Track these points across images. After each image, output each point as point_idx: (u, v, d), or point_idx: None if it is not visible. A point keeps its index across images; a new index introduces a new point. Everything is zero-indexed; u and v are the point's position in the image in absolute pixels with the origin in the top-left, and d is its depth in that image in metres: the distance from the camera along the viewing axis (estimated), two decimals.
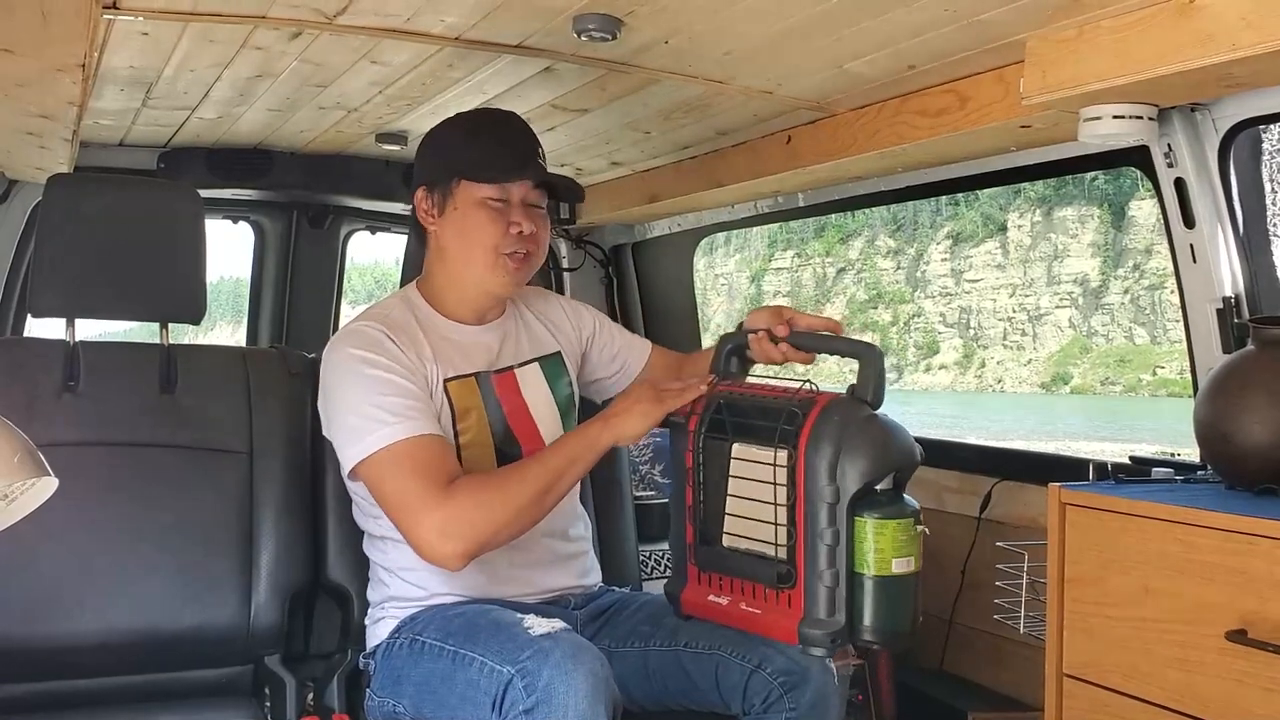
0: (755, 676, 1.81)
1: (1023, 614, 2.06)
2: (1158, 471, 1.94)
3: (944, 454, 2.83)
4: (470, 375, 1.96)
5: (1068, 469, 2.26)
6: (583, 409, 2.15)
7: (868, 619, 1.68)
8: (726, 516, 1.78)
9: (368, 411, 1.83)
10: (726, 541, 1.78)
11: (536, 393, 2.04)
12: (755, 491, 1.74)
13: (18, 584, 1.97)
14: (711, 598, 1.79)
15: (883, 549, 1.80)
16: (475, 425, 1.94)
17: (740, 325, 1.96)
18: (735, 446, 1.77)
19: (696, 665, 1.86)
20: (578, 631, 1.77)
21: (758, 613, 1.74)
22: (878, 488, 1.70)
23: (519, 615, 1.75)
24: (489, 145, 1.95)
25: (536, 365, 2.07)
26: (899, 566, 1.83)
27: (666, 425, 1.86)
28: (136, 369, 2.17)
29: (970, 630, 2.59)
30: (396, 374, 1.85)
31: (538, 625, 1.69)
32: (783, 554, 1.71)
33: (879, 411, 1.75)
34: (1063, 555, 1.78)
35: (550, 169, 2.01)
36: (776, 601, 1.72)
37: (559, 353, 2.13)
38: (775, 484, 1.71)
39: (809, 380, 1.80)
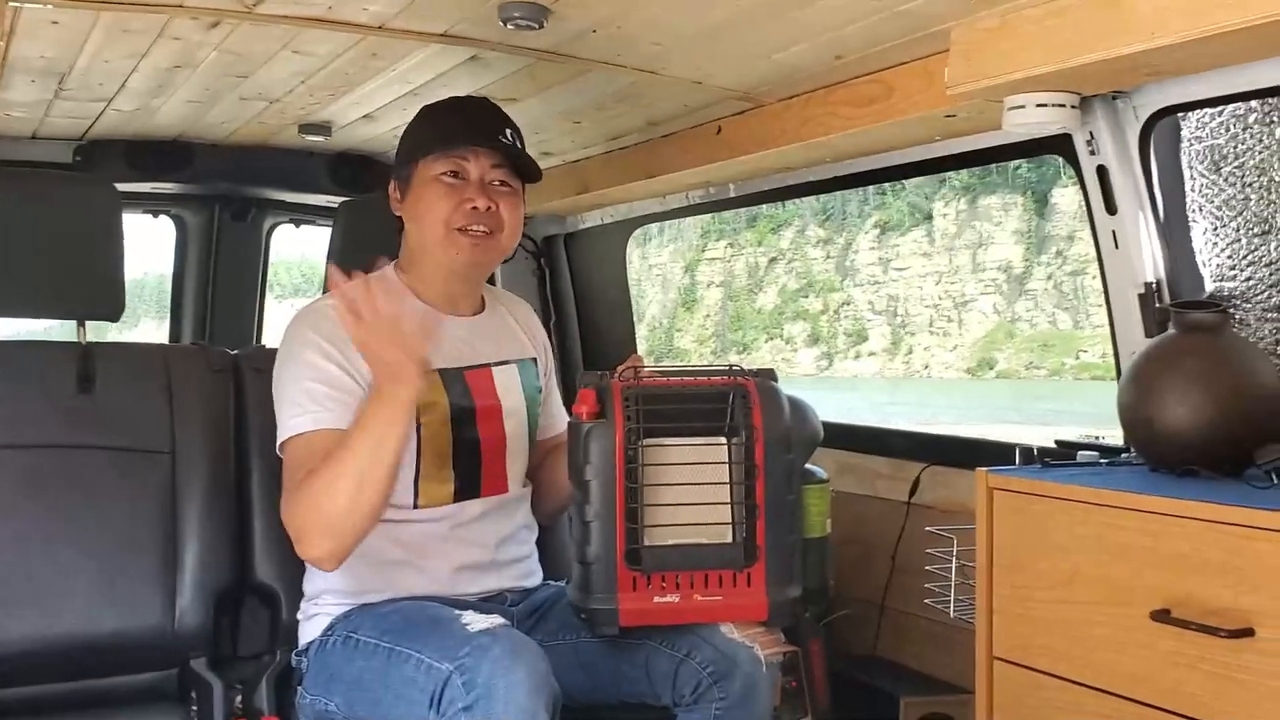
0: (684, 666, 1.80)
1: (952, 598, 2.09)
2: (1083, 455, 1.97)
3: (874, 440, 2.86)
4: (435, 371, 1.92)
5: (995, 453, 2.29)
6: None
7: (809, 580, 1.85)
8: (667, 511, 1.76)
9: (294, 395, 1.83)
10: (670, 538, 1.76)
11: (510, 394, 2.02)
12: (704, 478, 1.76)
13: None
14: (659, 599, 1.76)
15: (822, 511, 2.21)
16: (436, 421, 1.92)
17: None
18: (675, 440, 1.76)
19: (627, 656, 1.85)
20: (514, 628, 1.75)
21: (719, 599, 1.76)
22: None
23: (456, 612, 1.73)
24: (446, 122, 1.97)
25: (514, 367, 2.06)
26: (828, 526, 2.25)
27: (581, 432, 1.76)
28: (52, 368, 2.11)
29: (902, 615, 2.62)
30: (334, 361, 1.83)
31: (476, 621, 1.67)
32: (741, 534, 1.75)
33: None
34: (991, 539, 1.80)
35: None
36: (735, 584, 1.76)
37: (535, 360, 2.13)
38: (731, 464, 1.75)
39: (733, 365, 1.84)
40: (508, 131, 1.97)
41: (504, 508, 1.99)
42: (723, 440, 1.76)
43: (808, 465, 2.38)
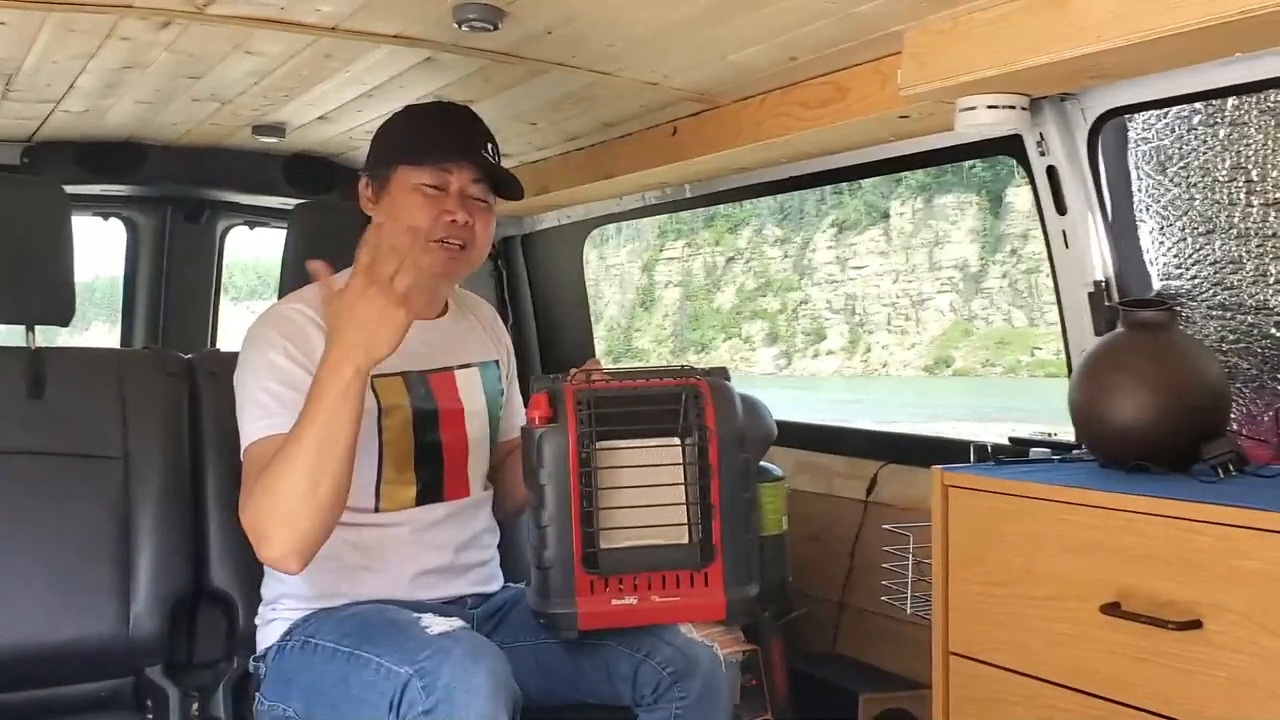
0: (644, 666, 1.81)
1: (909, 594, 2.10)
2: (1036, 452, 2.00)
3: (832, 439, 2.89)
4: (398, 374, 1.92)
5: (951, 451, 2.32)
6: None
7: (767, 577, 1.84)
8: (623, 513, 1.75)
9: (258, 398, 1.80)
10: (626, 540, 1.75)
11: (472, 398, 2.01)
12: (658, 479, 1.74)
13: None
14: (616, 601, 1.74)
15: (777, 509, 2.15)
16: (398, 425, 1.91)
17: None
18: (627, 442, 1.75)
19: (587, 658, 1.85)
20: (474, 630, 1.75)
21: (677, 599, 1.74)
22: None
23: (416, 615, 1.72)
24: (431, 131, 1.94)
25: (476, 370, 2.05)
26: (784, 524, 2.19)
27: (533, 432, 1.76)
28: (1, 373, 2.08)
29: (860, 612, 2.64)
30: (299, 363, 1.80)
31: (436, 624, 1.66)
32: (697, 534, 1.74)
33: None
34: (946, 536, 1.82)
35: None
36: (692, 584, 1.74)
37: (498, 362, 2.12)
38: (685, 464, 1.74)
39: (686, 365, 1.84)
40: (489, 145, 1.96)
41: (465, 511, 1.99)
42: (676, 441, 1.76)
43: (763, 463, 2.40)
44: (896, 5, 1.77)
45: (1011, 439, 2.28)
